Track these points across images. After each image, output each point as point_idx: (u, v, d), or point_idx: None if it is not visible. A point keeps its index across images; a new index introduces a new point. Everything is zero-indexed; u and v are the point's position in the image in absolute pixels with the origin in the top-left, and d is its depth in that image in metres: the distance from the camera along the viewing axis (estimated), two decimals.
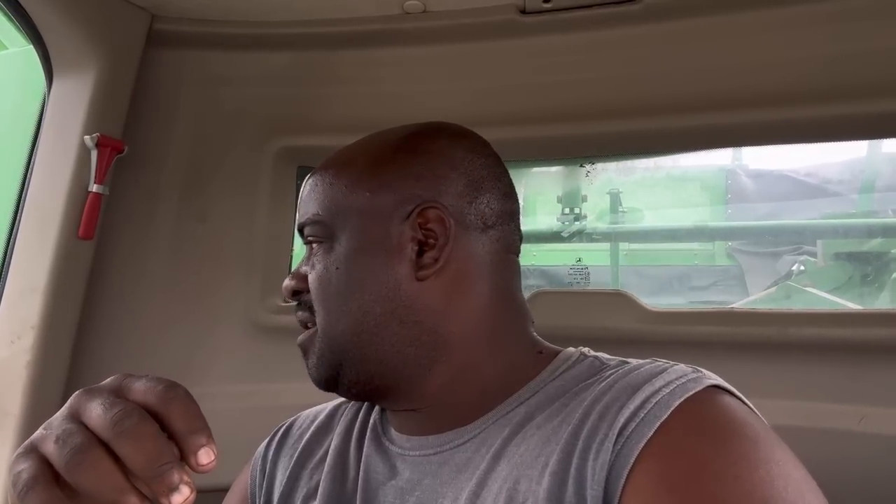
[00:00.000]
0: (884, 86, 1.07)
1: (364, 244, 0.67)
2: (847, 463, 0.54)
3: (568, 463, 0.54)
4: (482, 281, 0.68)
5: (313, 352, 0.69)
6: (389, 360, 0.66)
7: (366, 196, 0.68)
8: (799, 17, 1.11)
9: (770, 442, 0.51)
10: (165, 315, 1.33)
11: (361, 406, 0.79)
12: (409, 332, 0.66)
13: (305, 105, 1.35)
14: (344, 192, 0.69)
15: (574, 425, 0.56)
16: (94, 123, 1.18)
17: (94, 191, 1.18)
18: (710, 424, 0.52)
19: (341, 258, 0.67)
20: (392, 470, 0.68)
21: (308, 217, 0.70)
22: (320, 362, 0.69)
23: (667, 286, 3.14)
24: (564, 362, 0.67)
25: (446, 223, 0.66)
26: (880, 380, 1.05)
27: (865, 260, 2.57)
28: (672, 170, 3.03)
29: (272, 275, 1.36)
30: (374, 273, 0.66)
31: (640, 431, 0.52)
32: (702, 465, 0.49)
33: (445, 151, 0.70)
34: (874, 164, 2.75)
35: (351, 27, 1.26)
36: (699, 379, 0.56)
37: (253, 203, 1.36)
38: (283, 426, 0.84)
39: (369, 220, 0.67)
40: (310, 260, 0.70)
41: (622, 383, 0.57)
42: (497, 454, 0.61)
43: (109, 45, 1.19)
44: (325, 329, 0.68)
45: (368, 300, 0.65)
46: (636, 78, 1.20)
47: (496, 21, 1.20)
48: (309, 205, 0.71)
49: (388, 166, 0.69)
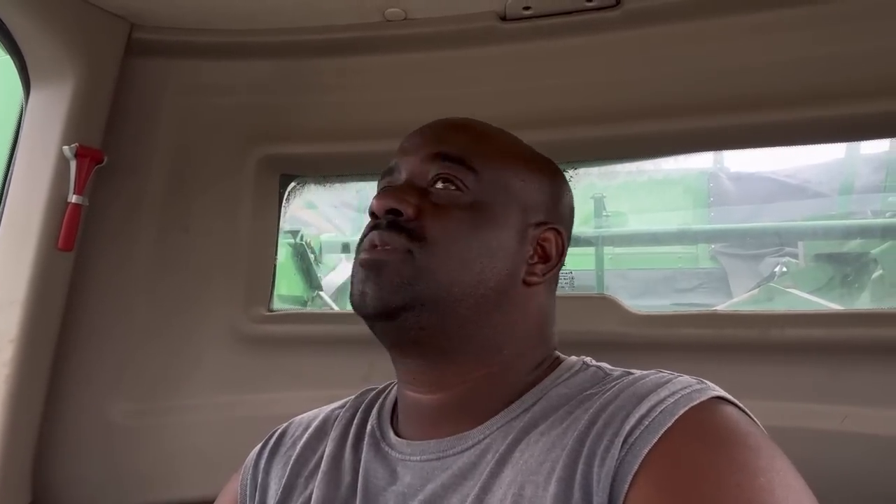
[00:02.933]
0: (861, 88, 1.08)
1: (507, 222, 0.70)
2: (830, 462, 0.54)
3: (574, 469, 0.56)
4: (551, 297, 0.75)
5: (398, 274, 0.65)
6: (467, 328, 0.67)
7: (520, 183, 0.72)
8: (777, 21, 1.12)
9: (771, 452, 0.53)
10: (147, 326, 1.32)
11: (356, 412, 0.78)
12: (497, 320, 0.69)
13: (287, 113, 1.34)
14: (505, 165, 0.72)
15: (580, 432, 0.58)
16: (73, 133, 1.17)
17: (74, 202, 1.17)
18: (714, 433, 0.53)
19: (485, 219, 0.69)
20: (392, 475, 0.68)
21: (458, 154, 0.70)
22: (402, 289, 0.65)
23: (651, 289, 3.16)
24: (568, 370, 0.69)
25: (561, 250, 0.74)
26: (862, 379, 1.06)
27: (845, 261, 2.60)
28: (654, 174, 3.06)
29: (256, 284, 1.35)
30: (505, 253, 0.69)
31: (645, 438, 0.53)
32: (704, 471, 0.50)
33: (565, 186, 0.79)
34: (853, 166, 2.79)
35: (332, 35, 1.26)
36: (703, 390, 0.57)
37: (235, 212, 1.35)
38: (275, 434, 0.83)
39: (517, 207, 0.71)
40: (427, 197, 0.68)
41: (628, 392, 0.59)
42: (502, 460, 0.61)
43: (88, 55, 1.18)
44: (435, 266, 0.65)
45: (491, 271, 0.68)
46: (617, 83, 1.21)
47: (477, 28, 1.20)
48: (460, 144, 0.71)
49: (537, 172, 0.75)
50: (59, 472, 1.25)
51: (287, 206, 1.45)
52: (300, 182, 1.46)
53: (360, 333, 1.33)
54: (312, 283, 2.58)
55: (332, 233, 3.19)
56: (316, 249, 2.84)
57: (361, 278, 0.67)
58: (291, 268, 2.49)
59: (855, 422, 1.04)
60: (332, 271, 3.03)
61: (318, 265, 2.81)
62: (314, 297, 2.61)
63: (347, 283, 2.60)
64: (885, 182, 2.57)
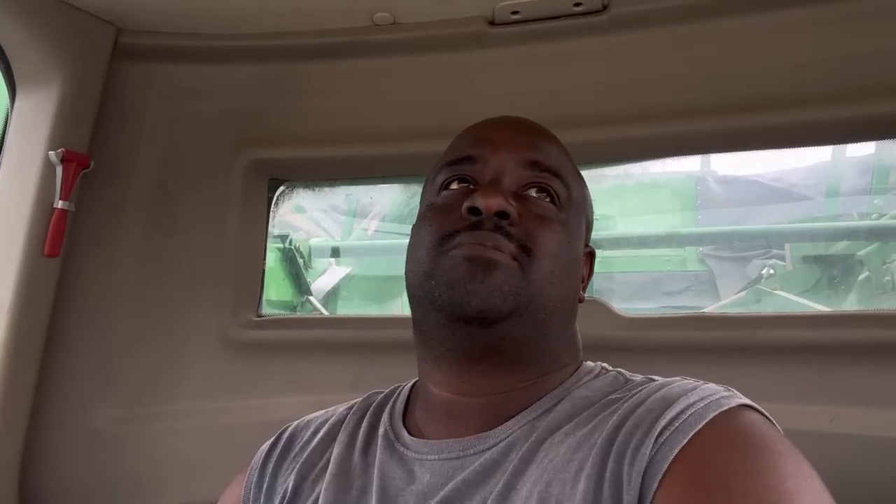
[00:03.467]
0: (846, 92, 1.09)
1: (581, 241, 0.75)
2: (818, 463, 0.55)
3: (603, 467, 0.56)
4: None
5: (508, 281, 0.64)
6: (547, 341, 0.69)
7: (587, 203, 0.80)
8: (763, 26, 1.13)
9: (799, 459, 0.53)
10: (135, 332, 1.31)
11: (364, 416, 0.78)
12: (567, 331, 0.73)
13: (276, 117, 1.34)
14: (581, 184, 0.78)
15: (609, 432, 0.58)
16: (59, 138, 1.16)
17: (60, 207, 1.16)
18: (743, 437, 0.54)
19: (573, 236, 0.72)
20: (410, 475, 0.67)
21: (556, 167, 0.72)
22: (509, 297, 0.64)
23: (640, 292, 3.17)
24: (588, 374, 0.71)
25: (591, 269, 0.81)
26: (849, 380, 1.07)
27: (832, 263, 2.62)
28: (642, 177, 3.07)
29: (244, 289, 1.34)
30: (579, 270, 0.75)
31: (675, 439, 0.54)
32: (733, 472, 0.51)
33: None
34: (839, 169, 2.81)
35: (320, 39, 1.25)
36: (732, 397, 0.59)
37: (224, 216, 1.34)
38: (283, 436, 0.81)
39: (586, 226, 0.78)
40: (526, 202, 0.69)
41: (657, 396, 0.60)
42: (526, 458, 0.61)
43: (74, 59, 1.17)
44: (538, 279, 0.66)
45: (571, 288, 0.72)
46: (605, 87, 1.21)
47: (465, 32, 1.20)
48: (553, 155, 0.73)
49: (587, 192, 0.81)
50: (45, 479, 1.24)
51: (276, 211, 1.44)
52: (289, 186, 1.45)
53: (349, 338, 1.33)
54: (301, 287, 2.58)
55: (322, 237, 3.18)
56: (305, 254, 2.83)
57: (466, 275, 0.63)
58: (280, 272, 2.48)
59: (843, 422, 1.05)
60: (322, 276, 3.03)
61: (308, 270, 2.80)
62: (303, 301, 2.60)
63: (337, 287, 2.59)
64: (870, 184, 2.59)
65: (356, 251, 3.33)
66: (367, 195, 3.06)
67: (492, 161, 0.70)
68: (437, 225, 0.68)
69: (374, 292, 3.14)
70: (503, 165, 0.70)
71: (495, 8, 1.15)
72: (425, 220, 0.71)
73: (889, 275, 2.22)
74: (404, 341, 0.77)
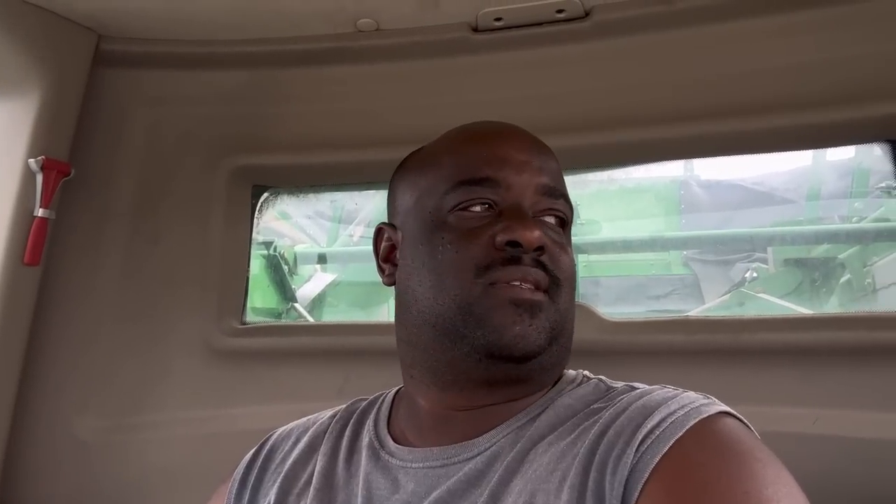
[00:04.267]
0: (826, 97, 1.10)
1: None
2: (803, 464, 0.55)
3: (586, 477, 0.57)
4: None
5: (548, 319, 0.66)
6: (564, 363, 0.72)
7: None
8: (743, 32, 1.14)
9: (778, 466, 0.54)
10: (117, 341, 1.30)
11: (347, 424, 0.77)
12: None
13: (259, 124, 1.34)
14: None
15: (591, 442, 0.59)
16: (40, 146, 1.15)
17: (40, 215, 1.15)
18: (723, 444, 0.55)
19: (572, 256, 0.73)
20: (394, 484, 0.67)
21: (564, 192, 0.72)
22: (548, 333, 0.65)
23: (625, 296, 3.19)
24: (570, 382, 0.71)
25: None
26: (832, 382, 1.08)
27: (814, 266, 2.64)
28: (625, 182, 3.09)
29: (228, 297, 1.34)
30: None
31: (656, 447, 0.55)
32: (714, 480, 0.52)
33: None
34: (820, 173, 2.84)
35: (303, 45, 1.25)
36: (711, 404, 0.59)
37: (207, 223, 1.33)
38: (264, 448, 0.81)
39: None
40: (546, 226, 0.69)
41: (638, 405, 0.60)
42: (511, 468, 0.62)
43: (54, 66, 1.16)
44: (565, 308, 0.69)
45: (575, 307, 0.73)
46: (587, 93, 1.22)
47: (449, 39, 1.20)
48: (558, 177, 0.73)
49: None
50: (27, 490, 1.22)
51: (260, 218, 1.44)
52: (273, 193, 1.45)
53: (334, 345, 1.33)
54: (286, 294, 2.57)
55: (307, 243, 3.17)
56: (290, 260, 2.82)
57: (514, 319, 0.64)
58: (265, 279, 2.47)
59: (826, 424, 1.06)
60: (307, 282, 3.02)
61: (293, 276, 2.79)
62: (289, 308, 2.59)
63: (323, 294, 2.58)
64: (851, 188, 2.62)
65: (342, 257, 3.33)
66: (352, 201, 3.05)
67: (514, 187, 0.68)
68: (467, 252, 0.66)
69: (360, 298, 3.13)
70: (524, 191, 0.68)
71: (479, 14, 1.15)
72: (444, 244, 0.67)
73: (870, 277, 2.24)
74: (391, 348, 0.77)
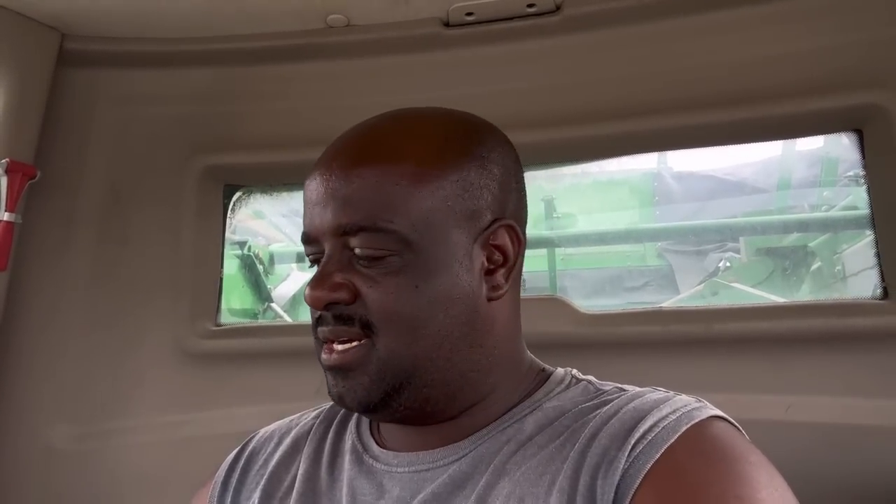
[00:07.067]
0: (794, 89, 1.12)
1: (447, 259, 0.61)
2: (776, 451, 0.56)
3: (576, 480, 0.56)
4: (516, 302, 0.70)
5: (365, 372, 0.61)
6: (453, 384, 0.63)
7: (446, 200, 0.61)
8: (712, 25, 1.15)
9: (770, 470, 0.54)
10: (88, 346, 1.28)
11: (330, 426, 0.76)
12: (476, 356, 0.64)
13: (229, 122, 1.32)
14: (420, 188, 0.61)
15: (581, 445, 0.58)
16: (3, 148, 1.12)
17: (5, 219, 1.13)
18: (716, 449, 0.55)
19: (423, 274, 0.60)
20: (379, 488, 0.66)
21: (363, 223, 0.60)
22: (375, 385, 0.61)
23: (601, 288, 3.21)
24: (558, 384, 0.68)
25: (518, 243, 0.66)
26: (804, 369, 1.10)
27: (785, 254, 2.69)
28: (599, 175, 3.11)
29: (201, 298, 1.32)
30: (456, 291, 0.61)
31: (648, 453, 0.54)
32: (706, 484, 0.51)
33: (508, 161, 0.68)
34: (789, 163, 2.88)
35: (273, 42, 1.24)
36: (703, 408, 0.59)
37: (178, 224, 1.31)
38: (245, 450, 0.79)
39: (455, 228, 0.62)
40: (354, 270, 0.61)
41: (630, 408, 0.60)
42: (498, 471, 0.61)
43: (17, 66, 1.14)
44: (393, 351, 0.60)
45: (449, 323, 0.61)
46: (559, 87, 1.22)
47: (420, 34, 1.20)
48: (360, 204, 0.60)
49: (461, 166, 0.63)
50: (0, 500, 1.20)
51: (233, 217, 1.42)
52: (245, 192, 1.43)
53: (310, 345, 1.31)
54: (262, 294, 2.54)
55: (283, 242, 3.14)
56: (265, 260, 2.79)
57: (332, 381, 0.63)
58: (240, 280, 2.44)
59: (799, 410, 1.07)
60: (284, 281, 2.99)
61: (269, 276, 2.77)
62: (265, 308, 2.57)
63: (300, 292, 2.55)
64: (820, 177, 2.66)
65: None
66: None
67: (320, 238, 0.63)
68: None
69: None
70: (324, 239, 0.63)
71: (450, 9, 1.15)
72: None
73: (839, 265, 2.28)
74: None
